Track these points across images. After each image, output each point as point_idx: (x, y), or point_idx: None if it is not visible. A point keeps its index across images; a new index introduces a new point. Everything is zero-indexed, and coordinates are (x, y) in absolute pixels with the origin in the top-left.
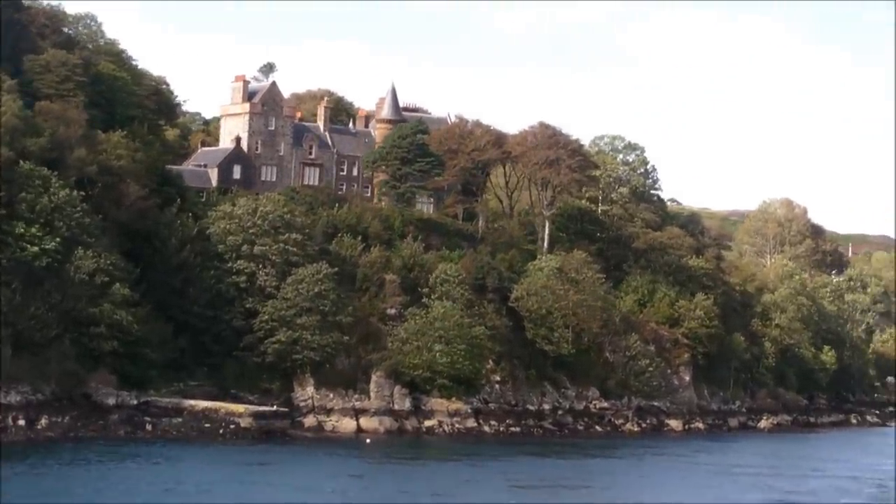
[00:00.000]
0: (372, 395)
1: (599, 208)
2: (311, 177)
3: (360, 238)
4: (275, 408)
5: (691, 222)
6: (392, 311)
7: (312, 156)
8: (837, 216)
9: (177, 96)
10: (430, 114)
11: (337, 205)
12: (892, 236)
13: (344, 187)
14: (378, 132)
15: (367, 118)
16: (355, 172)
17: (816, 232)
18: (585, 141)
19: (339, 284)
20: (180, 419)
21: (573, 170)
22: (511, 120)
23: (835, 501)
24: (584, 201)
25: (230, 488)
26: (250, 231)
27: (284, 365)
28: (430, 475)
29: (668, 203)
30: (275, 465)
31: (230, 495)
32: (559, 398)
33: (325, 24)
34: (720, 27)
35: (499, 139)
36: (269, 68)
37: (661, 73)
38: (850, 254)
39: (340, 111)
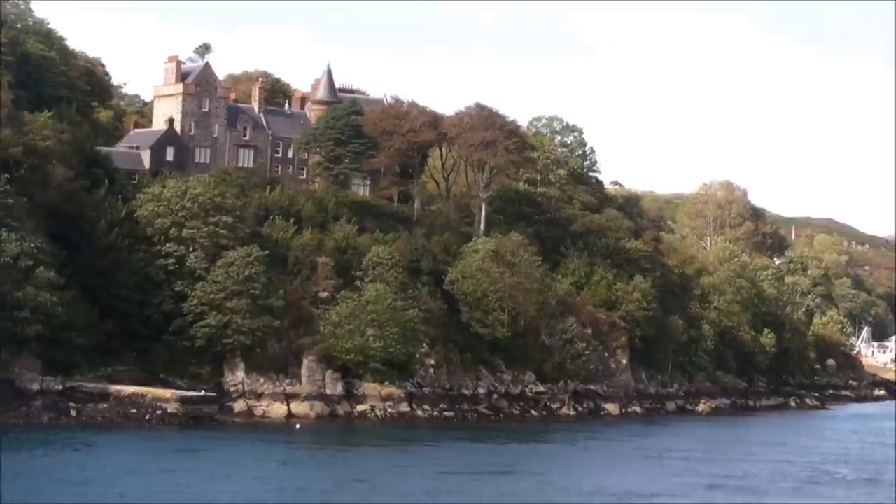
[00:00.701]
0: (303, 379)
1: (537, 190)
2: (246, 158)
3: (292, 220)
4: (203, 393)
5: (630, 204)
6: (324, 295)
7: (247, 137)
8: (782, 199)
9: (110, 77)
10: (367, 95)
11: (269, 187)
12: (837, 219)
13: (279, 169)
14: (313, 114)
15: (303, 100)
16: (290, 154)
17: (756, 214)
18: (523, 122)
19: (271, 267)
20: (106, 405)
21: (510, 151)
22: (454, 104)
23: (765, 485)
24: (521, 183)
25: (140, 477)
26: (179, 213)
27: (214, 349)
28: (357, 461)
29: (611, 185)
30: (196, 452)
31: (140, 485)
32: (494, 382)
33: (267, 9)
34: (670, 16)
35: (435, 120)
36: (204, 49)
37: (615, 61)
38: (793, 236)
39: (277, 93)
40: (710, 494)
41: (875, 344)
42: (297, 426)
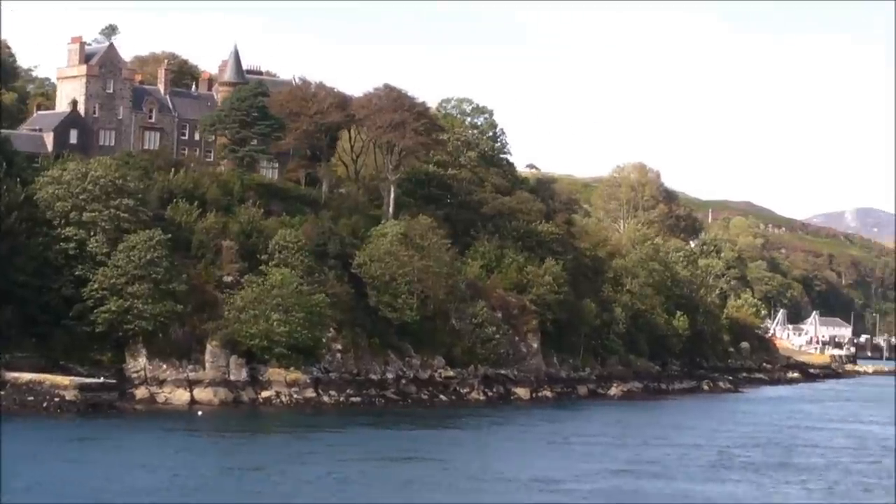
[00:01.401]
0: (207, 365)
1: (448, 172)
2: (152, 141)
3: (196, 204)
4: (102, 380)
5: (542, 187)
6: (229, 279)
7: (152, 119)
8: (701, 183)
9: (14, 59)
10: (277, 77)
11: (174, 169)
12: (755, 202)
13: (186, 152)
14: (221, 95)
15: (211, 81)
16: (198, 137)
17: (670, 197)
18: (433, 104)
19: (174, 251)
20: (2, 392)
21: (419, 133)
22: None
23: (673, 470)
24: (431, 166)
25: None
26: (80, 197)
27: (116, 335)
28: (257, 448)
29: (526, 169)
30: (90, 441)
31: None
32: (403, 367)
33: None
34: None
35: (343, 102)
36: (111, 31)
37: (546, 51)
38: (710, 219)
39: (185, 75)
40: (616, 479)
41: (790, 326)
42: (200, 413)
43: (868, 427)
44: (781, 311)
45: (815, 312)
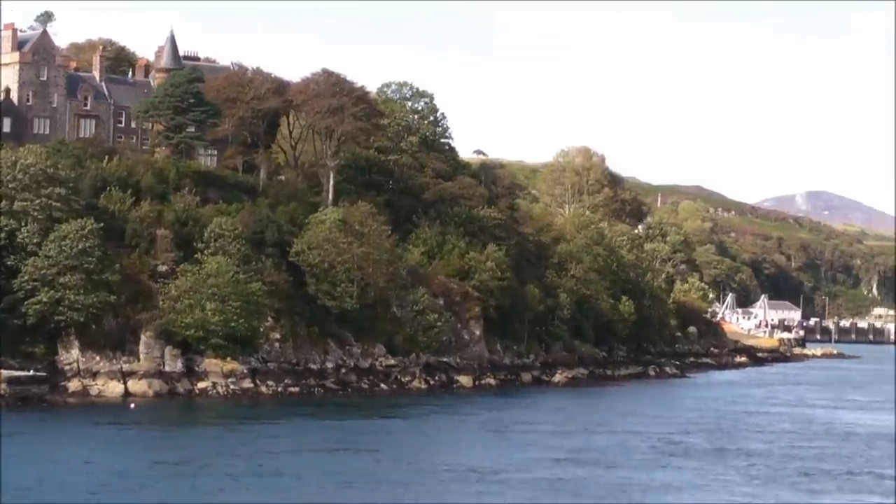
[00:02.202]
0: (141, 356)
1: (388, 158)
2: (87, 129)
3: (130, 192)
4: (32, 372)
5: (484, 172)
6: (164, 268)
7: (88, 107)
8: (651, 167)
9: None
10: (216, 63)
11: (108, 157)
12: (705, 186)
13: (122, 139)
14: (157, 82)
15: (148, 68)
16: (134, 124)
17: (615, 181)
18: (372, 89)
19: (107, 241)
20: None
21: (358, 118)
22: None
23: (614, 457)
24: (372, 151)
25: None
26: (10, 185)
27: (48, 327)
28: (187, 441)
29: (475, 155)
30: (16, 436)
31: None
32: (343, 356)
33: None
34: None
35: (280, 87)
36: (46, 18)
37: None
38: (658, 203)
39: (122, 62)
40: (556, 468)
41: (740, 310)
42: (132, 405)
43: (814, 411)
44: (730, 294)
45: (764, 296)
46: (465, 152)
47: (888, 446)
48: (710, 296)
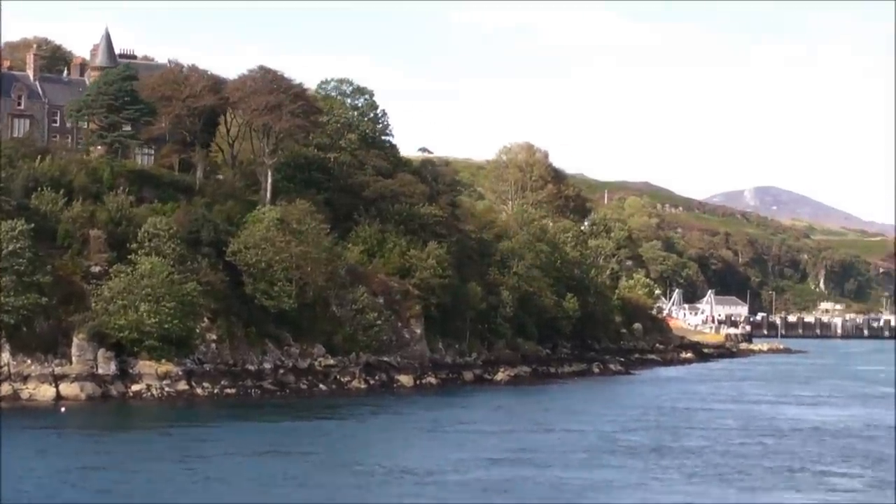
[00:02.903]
0: (74, 359)
1: (328, 156)
2: (21, 128)
3: (62, 192)
4: None
5: (425, 169)
6: (97, 269)
7: (21, 106)
8: (600, 164)
9: None
10: (154, 61)
11: (40, 157)
12: (653, 182)
13: (57, 138)
14: (92, 80)
15: (83, 66)
16: (69, 123)
17: (559, 177)
18: (311, 85)
19: (38, 242)
20: None
21: (296, 115)
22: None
23: (553, 457)
24: (311, 149)
25: None
26: None
27: None
28: (112, 446)
29: (419, 153)
30: None
31: None
32: (282, 356)
33: None
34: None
35: (216, 85)
36: None
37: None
38: (605, 200)
39: (58, 60)
40: (492, 469)
41: (686, 306)
42: (63, 409)
43: (758, 407)
44: (677, 290)
45: (710, 291)
46: (411, 150)
47: (832, 442)
48: (657, 292)
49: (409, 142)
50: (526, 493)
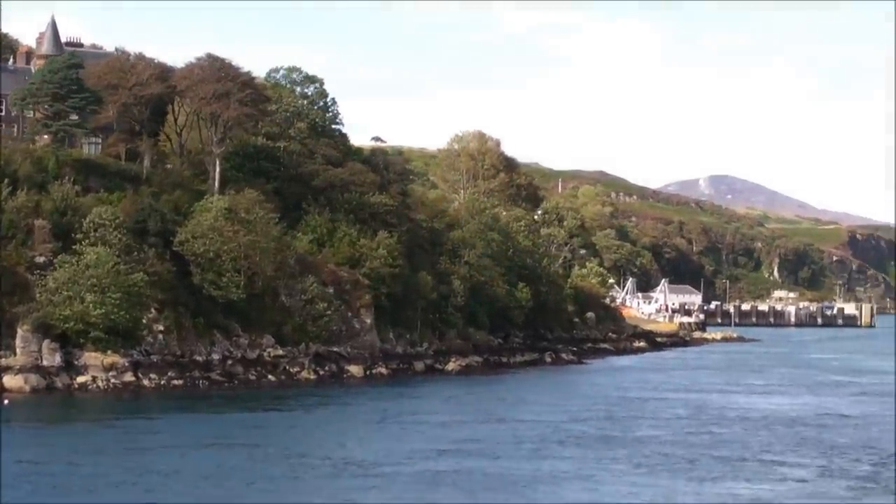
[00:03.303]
0: (18, 351)
1: (277, 145)
2: None
3: (6, 182)
4: None
5: (376, 157)
6: (41, 260)
7: None
8: (556, 153)
9: None
10: (102, 49)
11: None
12: (609, 171)
13: (2, 127)
14: (37, 68)
15: (30, 55)
16: (14, 112)
17: (511, 165)
18: (261, 74)
19: None
20: None
21: (244, 104)
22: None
23: (501, 448)
24: (260, 138)
25: None
26: None
27: None
28: (50, 439)
29: (372, 142)
30: None
31: None
32: (230, 347)
33: None
34: None
35: (163, 73)
36: None
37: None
38: (559, 189)
39: (5, 48)
40: (439, 460)
41: (640, 295)
42: (6, 402)
43: (709, 396)
44: (631, 279)
45: (664, 280)
46: (364, 140)
47: (783, 431)
48: (611, 280)
49: (363, 132)
50: (473, 485)
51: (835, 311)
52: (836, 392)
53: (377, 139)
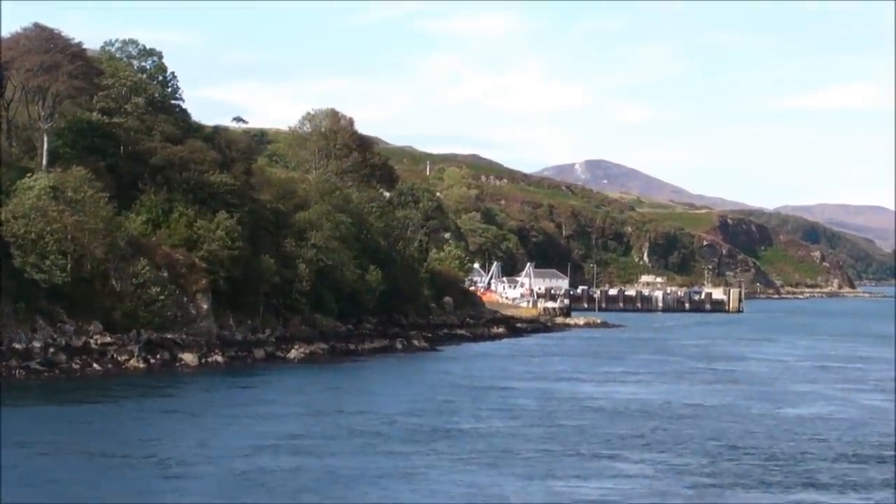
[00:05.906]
0: None
1: (113, 120)
2: None
3: None
4: None
5: (218, 135)
6: None
7: None
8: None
9: None
10: None
11: None
12: (483, 155)
13: None
14: None
15: None
16: None
17: (364, 144)
18: (96, 45)
19: None
20: None
21: (74, 76)
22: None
23: (327, 443)
24: (95, 113)
25: None
26: None
27: None
28: None
29: (234, 122)
30: None
31: None
32: (54, 334)
33: None
34: None
35: None
36: None
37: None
38: (428, 171)
39: None
40: (254, 458)
41: (505, 279)
42: None
43: (560, 385)
44: (496, 263)
45: (529, 264)
46: (226, 120)
47: (631, 423)
48: (475, 265)
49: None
50: (283, 486)
51: (702, 296)
52: (690, 380)
53: (239, 119)
